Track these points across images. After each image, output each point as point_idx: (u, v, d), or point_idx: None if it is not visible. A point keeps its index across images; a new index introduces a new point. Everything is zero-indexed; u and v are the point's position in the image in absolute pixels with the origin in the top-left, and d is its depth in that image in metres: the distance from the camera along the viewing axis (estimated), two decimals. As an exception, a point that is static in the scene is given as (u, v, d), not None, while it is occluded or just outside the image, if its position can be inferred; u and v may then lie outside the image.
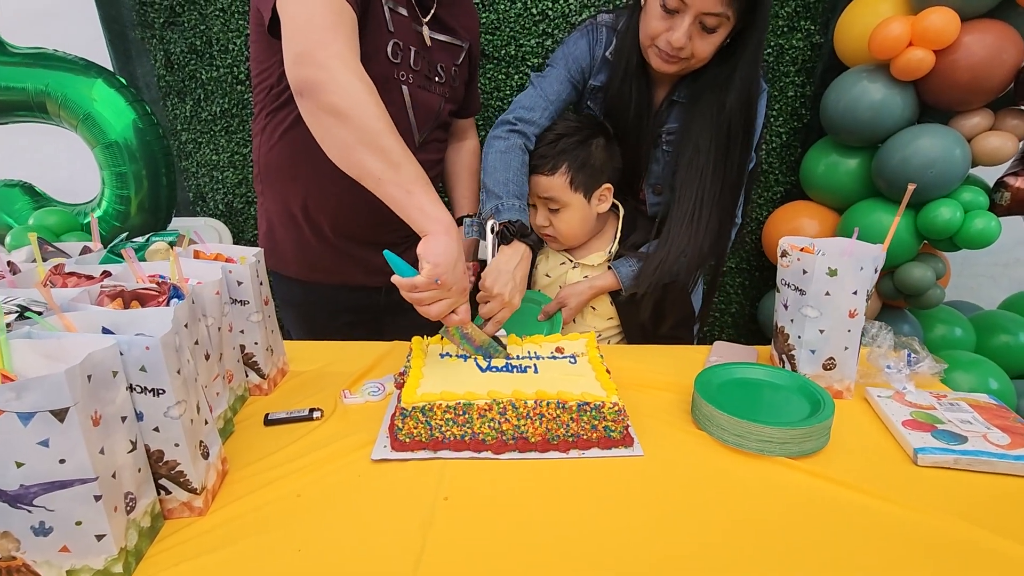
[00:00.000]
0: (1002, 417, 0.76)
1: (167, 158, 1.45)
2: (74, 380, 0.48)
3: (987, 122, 1.40)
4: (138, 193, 1.41)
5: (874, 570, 0.57)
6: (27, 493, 0.49)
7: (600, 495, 0.67)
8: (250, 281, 0.85)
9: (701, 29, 0.92)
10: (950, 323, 1.69)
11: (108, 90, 1.37)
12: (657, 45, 0.96)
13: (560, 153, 1.06)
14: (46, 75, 1.33)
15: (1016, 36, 1.30)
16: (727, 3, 0.89)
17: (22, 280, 0.77)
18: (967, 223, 1.39)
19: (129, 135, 1.38)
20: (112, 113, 1.36)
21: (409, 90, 1.00)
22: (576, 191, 1.08)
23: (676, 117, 1.08)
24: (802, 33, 1.71)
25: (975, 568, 0.57)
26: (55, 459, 0.49)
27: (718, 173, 1.02)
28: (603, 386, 0.77)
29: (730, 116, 1.00)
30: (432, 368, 0.85)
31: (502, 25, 1.72)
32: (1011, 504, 0.66)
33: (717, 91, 0.99)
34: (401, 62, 0.97)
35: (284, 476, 0.70)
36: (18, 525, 0.50)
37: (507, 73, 1.77)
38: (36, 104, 1.34)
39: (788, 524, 0.63)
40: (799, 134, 1.81)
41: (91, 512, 0.51)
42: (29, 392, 0.47)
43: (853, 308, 0.81)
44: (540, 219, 1.13)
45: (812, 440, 0.72)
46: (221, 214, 1.99)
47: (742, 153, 1.04)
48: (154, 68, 1.84)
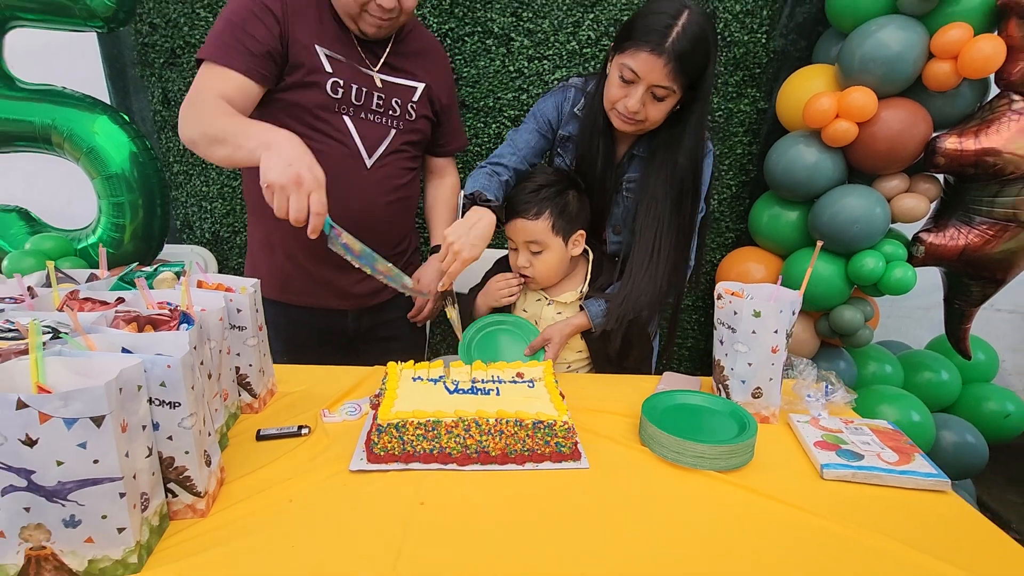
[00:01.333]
0: (895, 440, 0.90)
1: (163, 190, 1.54)
2: (111, 392, 0.57)
3: (904, 185, 1.60)
4: (133, 222, 1.49)
5: (785, 569, 0.68)
6: (63, 489, 0.57)
7: (551, 501, 0.77)
8: (248, 309, 0.94)
9: (653, 98, 1.08)
10: (881, 361, 1.86)
11: (111, 125, 1.46)
12: (617, 109, 1.12)
13: (543, 200, 1.20)
14: (53, 110, 1.42)
15: (925, 113, 1.52)
16: (673, 79, 1.05)
17: (39, 304, 0.85)
18: (888, 272, 1.57)
19: (128, 168, 1.46)
20: (114, 147, 1.45)
21: (351, 120, 1.17)
22: (557, 235, 1.21)
23: (636, 168, 1.24)
24: (749, 99, 1.92)
25: (866, 565, 0.68)
26: (90, 459, 0.57)
27: (672, 220, 1.17)
28: (556, 407, 0.88)
29: (681, 172, 1.15)
30: (405, 390, 0.94)
31: (482, 80, 1.89)
32: (898, 511, 0.78)
33: (670, 150, 1.16)
34: (342, 97, 1.15)
35: (276, 484, 0.78)
36: (51, 518, 0.58)
37: (485, 123, 1.93)
38: (41, 136, 1.42)
39: (714, 528, 0.74)
40: (747, 187, 2.01)
41: (115, 508, 0.59)
42: (74, 401, 0.55)
43: (775, 345, 0.95)
44: (522, 260, 1.25)
45: (738, 456, 0.84)
46: (207, 242, 2.07)
47: (692, 204, 1.19)
48: (151, 104, 1.93)
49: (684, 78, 1.05)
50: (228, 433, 0.91)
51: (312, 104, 1.13)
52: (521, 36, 1.85)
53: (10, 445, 0.55)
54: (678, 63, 1.02)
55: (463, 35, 1.85)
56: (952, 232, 1.56)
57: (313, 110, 1.14)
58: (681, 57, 1.02)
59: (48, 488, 0.57)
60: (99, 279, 0.96)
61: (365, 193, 1.20)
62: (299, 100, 1.13)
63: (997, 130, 1.42)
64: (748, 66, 1.88)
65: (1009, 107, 1.42)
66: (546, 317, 1.28)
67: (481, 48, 1.86)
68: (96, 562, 0.60)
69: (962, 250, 1.55)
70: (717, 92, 1.91)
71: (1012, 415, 1.84)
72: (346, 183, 1.17)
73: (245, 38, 1.07)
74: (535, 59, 1.87)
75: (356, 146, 1.18)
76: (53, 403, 0.55)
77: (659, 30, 1.02)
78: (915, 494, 0.82)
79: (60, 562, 0.59)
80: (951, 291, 1.71)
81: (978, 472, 1.77)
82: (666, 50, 1.02)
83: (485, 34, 1.85)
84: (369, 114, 1.18)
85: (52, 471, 0.56)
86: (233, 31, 1.07)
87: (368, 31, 1.13)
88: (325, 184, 0.94)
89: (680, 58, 1.02)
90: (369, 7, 1.08)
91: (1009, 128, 1.41)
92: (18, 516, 0.57)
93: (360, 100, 1.16)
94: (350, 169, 1.18)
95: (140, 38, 1.86)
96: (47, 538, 0.58)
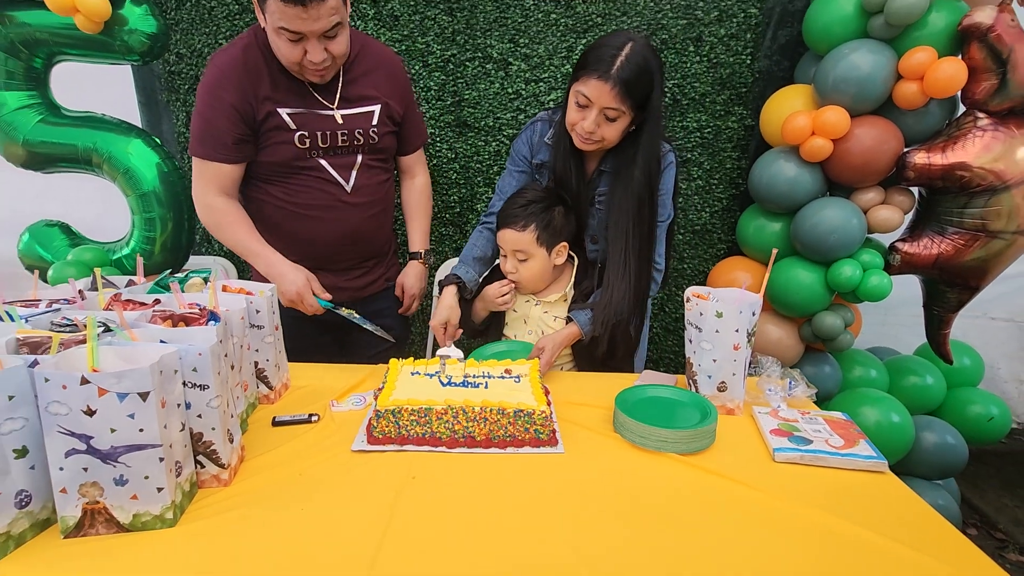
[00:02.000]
0: (845, 428, 0.99)
1: (190, 206, 1.68)
2: (155, 373, 0.69)
3: (879, 197, 1.69)
4: (163, 235, 1.64)
5: (734, 542, 0.76)
6: (115, 452, 0.69)
7: (527, 481, 0.88)
8: (266, 310, 1.07)
9: (606, 119, 1.21)
10: (866, 365, 1.93)
11: (144, 147, 1.61)
12: (576, 130, 1.25)
13: (530, 215, 1.33)
14: (94, 134, 1.58)
15: (896, 130, 1.61)
16: (621, 101, 1.18)
17: (88, 304, 0.98)
18: (865, 279, 1.65)
19: (159, 186, 1.61)
20: (146, 167, 1.60)
21: (324, 159, 1.33)
22: (541, 246, 1.34)
23: (605, 183, 1.36)
24: (736, 117, 2.03)
25: (807, 538, 0.77)
26: (137, 428, 0.69)
27: (635, 230, 1.29)
28: (536, 399, 0.99)
29: (638, 186, 1.28)
30: (404, 382, 1.06)
31: (482, 101, 2.02)
32: (840, 490, 0.88)
33: (629, 166, 1.28)
34: (310, 145, 1.31)
35: (289, 461, 0.90)
36: (104, 477, 0.70)
37: (485, 141, 2.06)
38: (83, 158, 1.57)
39: (675, 505, 0.83)
40: (737, 200, 2.11)
41: (156, 470, 0.71)
42: (126, 379, 0.68)
43: (736, 343, 1.05)
44: (509, 266, 1.37)
45: (698, 441, 0.94)
46: (227, 253, 2.21)
47: (650, 213, 1.31)
48: (175, 126, 2.10)
49: (631, 100, 1.19)
50: (248, 419, 1.03)
51: (287, 157, 1.30)
52: (518, 60, 1.98)
53: (74, 415, 0.67)
54: (624, 87, 1.16)
55: (464, 60, 1.99)
56: (926, 241, 1.64)
57: (289, 163, 1.31)
58: (626, 82, 1.15)
59: (103, 451, 0.69)
60: (137, 284, 1.10)
61: (351, 214, 1.37)
62: (274, 159, 1.31)
63: (963, 146, 1.51)
64: (734, 86, 2.00)
65: (974, 124, 1.52)
66: (534, 316, 1.40)
67: (481, 72, 2.00)
68: (139, 516, 0.72)
69: (936, 258, 1.63)
70: (705, 110, 2.03)
71: (996, 418, 1.90)
72: (334, 210, 1.36)
73: (216, 133, 1.26)
74: (532, 81, 2.00)
75: (334, 177, 1.35)
76: (109, 380, 0.67)
77: (606, 60, 1.16)
78: (857, 475, 0.90)
79: (110, 515, 0.71)
80: (929, 298, 1.78)
81: (958, 471, 1.82)
82: (612, 76, 1.15)
83: (485, 59, 1.99)
84: (336, 150, 1.34)
85: (107, 437, 0.68)
86: (206, 128, 1.27)
87: (315, 80, 1.27)
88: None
89: (625, 83, 1.15)
90: (304, 63, 1.21)
91: (975, 144, 1.50)
92: (78, 475, 0.69)
93: (326, 142, 1.32)
94: (334, 198, 1.35)
95: (168, 67, 2.02)
96: (100, 494, 0.70)
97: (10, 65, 1.55)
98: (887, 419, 1.70)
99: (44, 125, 1.58)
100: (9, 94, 1.56)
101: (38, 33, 1.53)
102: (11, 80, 1.56)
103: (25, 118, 1.57)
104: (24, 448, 0.69)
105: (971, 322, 2.60)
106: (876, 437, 1.64)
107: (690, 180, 2.10)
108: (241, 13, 1.95)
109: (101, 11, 1.46)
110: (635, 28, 1.95)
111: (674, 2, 1.92)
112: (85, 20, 1.47)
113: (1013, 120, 1.51)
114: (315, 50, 1.18)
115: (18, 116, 1.57)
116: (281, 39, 1.17)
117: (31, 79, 1.59)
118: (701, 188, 2.11)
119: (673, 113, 2.03)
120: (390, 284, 1.57)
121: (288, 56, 1.19)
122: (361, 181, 1.38)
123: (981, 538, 1.99)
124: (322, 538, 0.74)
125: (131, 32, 1.55)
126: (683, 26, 1.94)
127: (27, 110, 1.58)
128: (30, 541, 0.71)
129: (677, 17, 1.93)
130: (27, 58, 1.57)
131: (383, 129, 1.38)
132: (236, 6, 1.94)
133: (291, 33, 1.15)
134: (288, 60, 1.20)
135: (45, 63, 1.60)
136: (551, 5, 1.93)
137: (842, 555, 0.74)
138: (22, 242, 1.70)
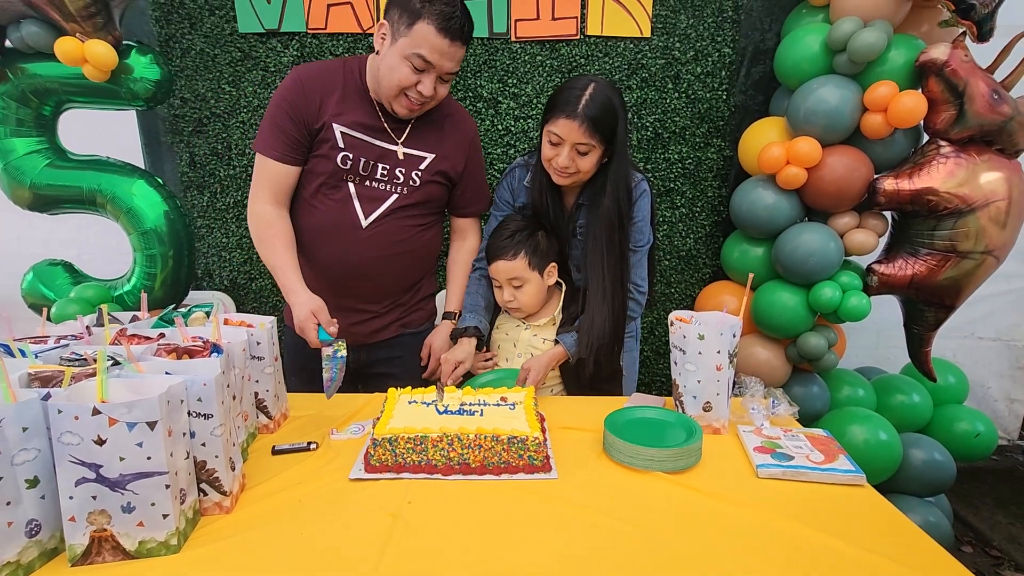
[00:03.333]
0: (826, 444, 1.03)
1: (191, 243, 1.74)
2: (163, 403, 0.73)
3: (854, 222, 1.77)
4: (163, 271, 1.68)
5: (724, 557, 0.79)
6: (123, 480, 0.72)
7: (522, 506, 0.90)
8: (266, 342, 1.11)
9: (578, 154, 1.30)
10: (854, 385, 1.98)
11: (147, 188, 1.67)
12: (552, 165, 1.33)
13: (517, 243, 1.40)
14: (99, 176, 1.64)
15: (865, 158, 1.69)
16: (590, 136, 1.27)
17: (94, 339, 1.02)
18: (845, 300, 1.71)
19: (161, 224, 1.67)
20: (148, 206, 1.66)
21: (355, 186, 1.36)
22: (533, 270, 1.41)
23: (583, 215, 1.43)
24: (715, 148, 2.12)
25: (790, 552, 0.80)
26: (145, 456, 0.72)
27: (610, 255, 1.36)
28: (530, 425, 1.02)
29: (608, 214, 1.35)
30: (401, 411, 1.09)
31: (474, 138, 2.11)
32: (821, 504, 0.91)
33: (600, 197, 1.36)
34: (350, 168, 1.34)
35: (288, 488, 0.93)
36: (112, 504, 0.73)
37: (477, 175, 2.14)
38: (88, 199, 1.63)
39: (661, 523, 0.86)
40: (719, 226, 2.18)
41: (162, 497, 0.74)
42: (136, 409, 0.71)
43: (719, 363, 1.09)
44: (506, 295, 1.43)
45: (684, 459, 0.97)
46: (226, 288, 2.26)
47: (621, 239, 1.38)
48: (178, 167, 2.17)
49: (599, 134, 1.28)
50: (248, 449, 1.05)
51: (323, 172, 1.35)
52: (508, 99, 2.08)
53: (85, 445, 0.70)
54: (591, 123, 1.25)
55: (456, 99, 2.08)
56: (901, 263, 1.71)
57: (323, 177, 1.35)
58: (592, 119, 1.25)
59: (111, 479, 0.72)
60: (141, 319, 1.14)
61: (360, 248, 1.38)
62: (313, 168, 1.35)
63: (929, 172, 1.59)
64: (712, 119, 2.09)
65: (937, 152, 1.60)
66: (523, 339, 1.46)
67: (472, 111, 2.09)
68: (145, 543, 0.75)
69: (911, 279, 1.69)
70: (686, 142, 2.12)
71: (982, 434, 1.93)
72: (343, 239, 1.37)
73: (278, 131, 1.31)
74: (520, 119, 2.09)
75: (355, 208, 1.37)
76: (119, 410, 0.71)
77: (572, 100, 1.26)
78: (837, 489, 0.94)
79: (117, 542, 0.74)
80: (908, 317, 1.84)
81: (947, 488, 1.85)
82: (579, 114, 1.25)
83: (475, 98, 2.08)
84: (372, 181, 1.37)
85: (116, 465, 0.71)
86: (271, 125, 1.32)
87: (401, 113, 1.32)
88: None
89: (592, 120, 1.25)
90: (409, 92, 1.27)
91: (939, 170, 1.58)
92: (87, 503, 0.72)
93: (366, 171, 1.35)
94: (346, 228, 1.37)
95: (172, 110, 2.11)
96: (108, 522, 0.73)
97: (21, 113, 1.62)
98: (875, 437, 1.73)
99: (51, 169, 1.65)
100: (18, 140, 1.63)
101: (48, 83, 1.61)
102: (20, 127, 1.63)
103: (32, 163, 1.64)
104: (36, 478, 0.72)
105: (959, 343, 2.66)
106: (864, 455, 1.69)
107: (674, 208, 2.18)
108: (243, 60, 2.05)
109: (108, 61, 1.55)
110: (616, 67, 2.05)
111: (652, 43, 2.03)
112: (93, 70, 1.55)
113: (974, 147, 1.60)
114: (428, 84, 1.25)
115: (26, 161, 1.63)
116: (406, 65, 1.23)
117: (40, 126, 1.66)
118: (685, 216, 2.19)
119: (656, 146, 2.12)
120: (406, 332, 1.52)
121: (402, 81, 1.24)
122: (383, 221, 1.38)
123: (976, 555, 2.00)
124: (320, 563, 0.76)
125: (137, 80, 1.63)
126: (662, 65, 2.05)
127: (35, 155, 1.64)
128: (38, 570, 0.73)
129: (656, 57, 2.04)
130: (37, 106, 1.64)
131: (428, 177, 1.40)
132: (238, 53, 2.04)
133: (423, 62, 1.22)
134: (400, 83, 1.25)
135: (54, 110, 1.68)
136: (537, 48, 2.04)
137: (822, 568, 0.77)
138: (26, 281, 1.74)
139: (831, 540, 0.82)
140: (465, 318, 1.46)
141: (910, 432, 1.93)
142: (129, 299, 1.69)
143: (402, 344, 1.52)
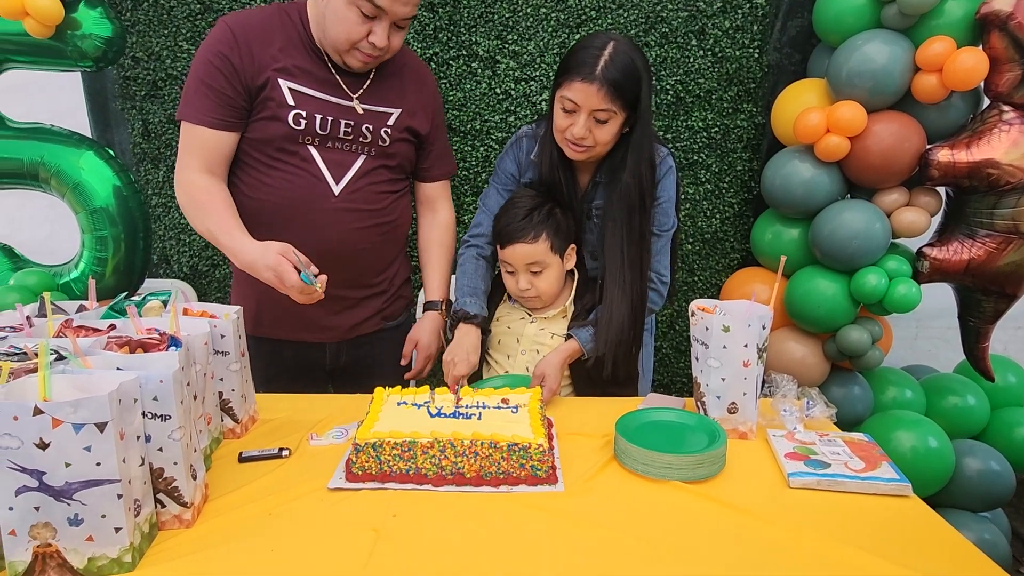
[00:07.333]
0: (867, 450, 1.03)
1: (146, 224, 1.73)
2: (113, 402, 0.73)
3: (904, 199, 1.76)
4: (115, 256, 1.68)
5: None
6: (69, 489, 0.72)
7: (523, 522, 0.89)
8: (231, 335, 1.11)
9: (596, 122, 1.28)
10: (901, 385, 1.98)
11: (96, 160, 1.67)
12: (566, 137, 1.31)
13: (538, 224, 1.38)
14: (41, 147, 1.63)
15: (917, 125, 1.68)
16: (610, 101, 1.24)
17: (36, 332, 1.02)
18: (892, 289, 1.71)
19: (111, 202, 1.67)
20: (98, 181, 1.65)
21: (316, 149, 1.33)
22: (555, 253, 1.40)
23: (600, 195, 1.42)
24: (745, 114, 2.10)
25: (829, 574, 0.79)
26: (94, 462, 0.72)
27: (630, 238, 1.35)
28: (534, 431, 1.02)
29: (627, 191, 1.34)
30: (388, 413, 1.09)
31: (468, 103, 2.10)
32: (860, 517, 0.91)
33: (619, 172, 1.34)
34: (305, 128, 1.30)
35: (257, 500, 0.93)
36: (58, 516, 0.73)
37: (472, 146, 2.13)
38: (29, 173, 1.63)
39: (681, 539, 0.86)
40: (750, 204, 2.18)
41: (113, 508, 0.74)
42: (82, 408, 0.71)
43: (746, 359, 1.09)
44: (522, 283, 1.41)
45: (705, 467, 0.98)
46: (186, 276, 2.26)
47: (642, 220, 1.37)
48: (131, 136, 2.16)
49: (621, 100, 1.25)
50: (211, 456, 1.06)
51: (274, 136, 1.30)
52: (507, 58, 2.06)
53: (25, 448, 0.70)
54: (611, 87, 1.22)
55: (448, 59, 2.07)
56: (956, 246, 1.70)
57: (276, 142, 1.31)
58: (614, 81, 1.22)
59: (56, 488, 0.72)
60: (89, 309, 1.14)
61: (335, 220, 1.35)
62: (261, 135, 1.31)
63: (989, 141, 1.58)
64: (742, 81, 2.08)
65: (1000, 118, 1.59)
66: (528, 335, 1.45)
67: (467, 71, 2.08)
68: (95, 560, 0.75)
69: (967, 264, 1.69)
70: (712, 108, 2.11)
71: (1046, 441, 1.94)
72: (315, 211, 1.34)
73: (208, 92, 1.26)
74: (522, 81, 2.08)
75: (322, 174, 1.33)
76: (64, 410, 0.71)
77: (589, 62, 1.23)
78: (879, 500, 0.94)
79: (63, 559, 0.74)
80: (964, 308, 1.84)
81: (1006, 502, 1.85)
82: (597, 77, 1.22)
83: (470, 57, 2.07)
84: (335, 142, 1.34)
85: (61, 472, 0.72)
86: (199, 85, 1.27)
87: (354, 65, 1.31)
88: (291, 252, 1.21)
89: (612, 82, 1.22)
90: (361, 45, 1.25)
91: (1000, 139, 1.57)
92: (29, 515, 0.72)
93: (325, 129, 1.31)
94: (317, 197, 1.34)
95: (122, 72, 2.10)
96: (53, 536, 0.73)
97: (-50, 75, 1.62)
98: (924, 444, 1.74)
99: (-13, 138, 1.64)
100: (-52, 106, 1.62)
101: (-18, 40, 1.60)
102: (-50, 91, 1.63)
103: (-36, 132, 1.63)
104: (-30, 487, 0.72)
105: (1012, 334, 2.65)
106: (912, 464, 1.69)
107: (698, 184, 2.17)
108: (203, 13, 2.03)
109: (53, 14, 1.53)
110: (632, 21, 2.04)
111: (674, -7, 2.01)
112: (35, 25, 1.53)
113: (1042, 113, 1.58)
114: (381, 34, 1.23)
115: (-43, 130, 1.63)
116: (353, 12, 1.20)
117: (-28, 89, 1.65)
118: (710, 193, 2.18)
119: (677, 112, 2.11)
120: (387, 325, 1.53)
121: (350, 33, 1.22)
122: (355, 185, 1.36)
123: (1036, 577, 2.01)
124: (294, 581, 0.77)
125: (85, 37, 1.61)
126: (684, 18, 2.03)
127: (-33, 123, 1.64)
128: (-25, 590, 0.74)
129: (678, 9, 2.02)
130: (-31, 67, 1.63)
131: (398, 134, 1.40)
132: (198, 6, 2.02)
133: (372, 7, 1.19)
134: (347, 37, 1.23)
135: (-11, 72, 1.67)
136: (540, -2, 2.02)
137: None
138: (-41, 267, 1.74)
139: (872, 559, 0.82)
140: (466, 303, 1.42)
141: (964, 439, 1.93)
142: (76, 287, 1.69)
143: (382, 339, 1.52)
